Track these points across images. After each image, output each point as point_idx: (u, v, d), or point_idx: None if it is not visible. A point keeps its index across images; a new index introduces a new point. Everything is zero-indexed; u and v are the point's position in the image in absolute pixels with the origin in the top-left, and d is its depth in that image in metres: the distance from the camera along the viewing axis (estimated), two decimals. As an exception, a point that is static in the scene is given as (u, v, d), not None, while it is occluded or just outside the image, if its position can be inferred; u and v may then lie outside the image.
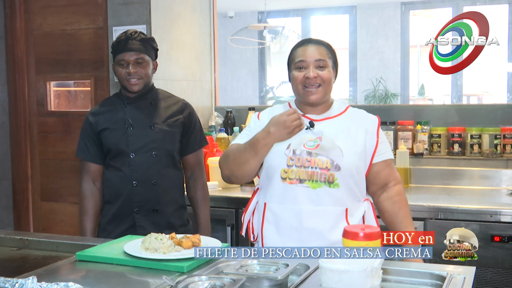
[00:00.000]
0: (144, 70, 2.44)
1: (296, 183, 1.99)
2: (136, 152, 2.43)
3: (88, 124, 2.50)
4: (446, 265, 1.66)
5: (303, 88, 2.03)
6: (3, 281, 1.39)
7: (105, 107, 2.53)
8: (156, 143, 2.45)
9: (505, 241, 2.58)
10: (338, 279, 1.38)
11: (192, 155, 2.59)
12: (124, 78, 2.43)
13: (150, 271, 1.67)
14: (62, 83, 3.79)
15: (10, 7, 3.72)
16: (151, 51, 2.49)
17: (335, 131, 2.03)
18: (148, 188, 2.44)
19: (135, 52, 2.41)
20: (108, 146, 2.46)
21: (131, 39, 2.42)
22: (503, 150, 3.26)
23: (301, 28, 8.61)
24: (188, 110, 2.57)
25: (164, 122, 2.48)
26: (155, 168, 2.45)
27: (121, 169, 2.44)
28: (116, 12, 3.35)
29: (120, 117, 2.46)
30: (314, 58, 2.03)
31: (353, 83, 8.47)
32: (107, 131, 2.45)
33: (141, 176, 2.42)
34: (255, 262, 1.60)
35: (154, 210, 2.45)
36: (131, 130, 2.44)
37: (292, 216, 2.00)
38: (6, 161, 3.80)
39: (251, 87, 9.04)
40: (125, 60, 2.41)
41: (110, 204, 2.49)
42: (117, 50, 2.44)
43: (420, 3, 8.30)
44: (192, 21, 3.72)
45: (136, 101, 2.49)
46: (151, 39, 2.50)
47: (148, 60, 2.46)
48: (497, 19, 7.02)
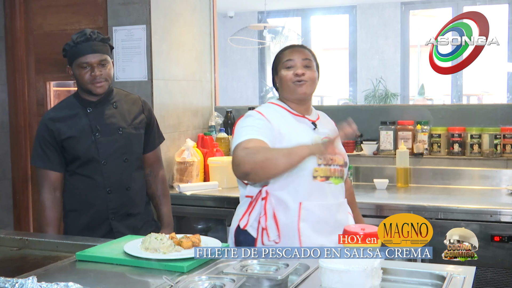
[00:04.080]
0: (108, 71, 2.35)
1: (324, 180, 2.12)
2: (107, 159, 2.35)
3: (46, 131, 2.34)
4: (446, 265, 1.66)
5: (293, 83, 2.14)
6: (3, 281, 1.39)
7: (63, 111, 2.39)
8: (126, 148, 2.39)
9: (505, 241, 2.58)
10: (338, 279, 1.38)
11: (152, 152, 2.55)
12: (88, 81, 2.32)
13: (150, 271, 1.67)
14: (62, 83, 3.79)
15: (10, 7, 3.71)
16: (109, 51, 2.40)
17: (330, 130, 2.15)
18: (121, 194, 2.38)
19: (98, 53, 2.32)
20: (75, 155, 2.34)
21: (92, 40, 2.32)
22: (503, 150, 3.26)
23: (301, 28, 8.61)
24: (148, 107, 2.53)
25: (130, 125, 2.43)
26: (127, 173, 2.40)
27: (92, 177, 2.35)
28: (116, 12, 3.34)
29: (85, 124, 2.35)
30: (301, 57, 2.16)
31: (353, 83, 8.48)
32: (73, 140, 2.33)
33: (114, 183, 2.36)
34: (255, 262, 1.60)
35: (128, 214, 2.41)
36: (99, 137, 2.35)
37: (325, 211, 2.12)
38: (6, 161, 3.80)
39: (251, 87, 9.04)
40: (88, 63, 2.31)
41: (78, 213, 2.39)
42: (77, 52, 2.33)
43: (420, 3, 8.31)
44: (192, 21, 3.72)
45: (98, 105, 2.39)
46: (108, 38, 2.41)
47: (109, 60, 2.37)
48: (497, 19, 7.02)
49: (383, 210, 2.79)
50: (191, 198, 3.20)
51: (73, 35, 2.36)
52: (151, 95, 3.27)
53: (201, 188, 3.28)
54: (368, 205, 2.83)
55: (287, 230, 2.08)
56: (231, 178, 3.34)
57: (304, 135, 2.11)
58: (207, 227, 3.31)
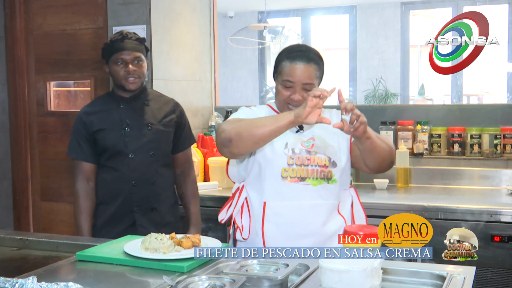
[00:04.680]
0: (141, 69, 2.46)
1: (297, 181, 2.03)
2: (135, 152, 2.45)
3: (81, 124, 2.48)
4: (446, 265, 1.66)
5: (286, 104, 2.05)
6: (3, 281, 1.39)
7: (97, 106, 2.53)
8: (154, 143, 2.49)
9: (505, 241, 2.58)
10: (338, 279, 1.38)
11: (183, 153, 2.64)
12: (122, 77, 2.44)
13: (150, 271, 1.68)
14: (62, 83, 3.79)
15: (10, 7, 3.71)
16: (144, 51, 2.52)
17: (322, 131, 2.09)
18: (146, 187, 2.47)
19: (133, 51, 2.43)
20: (104, 147, 2.46)
21: (128, 38, 2.44)
22: (503, 150, 3.26)
23: (301, 28, 8.61)
24: (180, 109, 2.63)
25: (159, 122, 2.52)
26: (153, 167, 2.48)
27: (119, 169, 2.45)
28: (116, 12, 3.34)
29: (116, 118, 2.47)
30: (302, 81, 2.01)
31: (353, 83, 8.47)
32: (103, 132, 2.45)
33: (140, 176, 2.45)
34: (255, 262, 1.60)
35: (152, 209, 2.48)
36: (128, 131, 2.46)
37: (294, 213, 2.03)
38: (6, 161, 3.80)
39: (251, 87, 9.04)
40: (123, 59, 2.42)
41: (105, 205, 2.49)
42: (113, 49, 2.44)
43: (420, 3, 8.30)
44: (192, 21, 3.72)
45: (131, 102, 2.50)
46: (144, 40, 2.53)
47: (144, 59, 2.49)
48: (497, 19, 7.02)
49: (383, 210, 2.79)
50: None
51: (110, 35, 2.53)
52: (151, 95, 3.26)
53: (201, 188, 3.27)
54: (368, 205, 2.82)
55: (254, 229, 2.09)
56: (231, 178, 3.34)
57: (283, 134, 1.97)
58: (207, 227, 3.31)
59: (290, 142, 2.05)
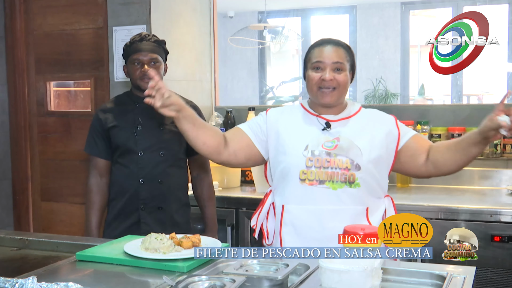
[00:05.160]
0: (157, 70, 2.47)
1: (316, 184, 1.97)
2: (145, 151, 2.49)
3: (97, 120, 2.54)
4: (446, 265, 1.66)
5: (318, 89, 2.01)
6: (3, 281, 1.39)
7: (115, 104, 2.59)
8: (164, 144, 2.51)
9: (505, 241, 2.58)
10: (338, 279, 1.38)
11: (198, 155, 2.59)
12: (137, 77, 2.47)
13: (150, 271, 1.67)
14: (62, 83, 3.79)
15: (10, 7, 3.72)
16: (163, 53, 2.54)
17: (352, 130, 2.03)
18: (153, 186, 2.49)
19: (149, 52, 2.46)
20: (116, 144, 2.51)
21: (146, 40, 2.48)
22: (503, 150, 3.26)
23: (301, 28, 8.61)
24: (197, 112, 2.58)
25: (172, 123, 2.48)
26: (161, 167, 2.50)
27: (128, 167, 2.49)
28: (116, 12, 3.34)
29: (130, 116, 2.52)
30: (332, 60, 2.01)
31: (353, 83, 8.38)
32: (116, 129, 2.50)
33: (148, 174, 2.48)
34: (255, 262, 1.60)
35: (158, 208, 2.50)
36: (140, 130, 2.50)
37: (312, 217, 1.98)
38: (6, 161, 3.80)
39: (251, 87, 9.03)
40: (139, 60, 2.45)
41: (115, 201, 2.54)
42: (131, 50, 2.48)
43: (420, 3, 8.30)
44: (192, 21, 3.72)
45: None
46: (163, 42, 2.55)
47: (161, 61, 2.51)
48: (497, 19, 7.02)
49: (383, 210, 2.79)
50: (191, 198, 3.19)
51: (131, 37, 2.53)
52: (151, 95, 3.27)
53: (201, 188, 3.28)
54: (368, 205, 2.82)
55: (275, 233, 2.08)
56: (231, 178, 3.35)
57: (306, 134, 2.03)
58: (207, 227, 3.31)
59: (311, 144, 2.00)
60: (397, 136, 2.06)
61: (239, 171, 3.39)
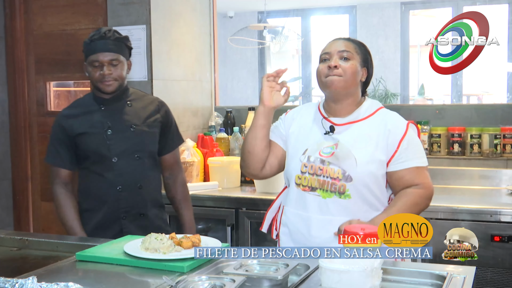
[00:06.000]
0: (118, 71, 2.34)
1: (308, 191, 1.96)
2: (119, 156, 2.34)
3: (60, 128, 2.37)
4: (446, 265, 1.66)
5: (325, 78, 1.96)
6: (3, 281, 1.39)
7: (77, 109, 2.42)
8: (139, 145, 2.38)
9: (505, 241, 2.58)
10: (338, 279, 1.38)
11: (170, 154, 2.53)
12: (97, 79, 2.33)
13: (150, 271, 1.67)
14: (62, 83, 3.79)
15: (10, 7, 3.71)
16: (125, 50, 2.39)
17: (354, 137, 1.96)
18: (133, 192, 2.37)
19: (109, 52, 2.31)
20: (86, 151, 2.36)
21: (106, 38, 2.31)
22: (503, 150, 3.26)
23: (301, 28, 8.60)
24: (165, 109, 2.51)
25: (143, 123, 2.41)
26: (139, 171, 2.37)
27: (103, 175, 2.34)
28: (116, 12, 3.34)
29: (97, 120, 2.36)
30: (338, 49, 1.97)
31: (353, 83, 8.45)
32: (84, 136, 2.35)
33: (126, 181, 2.35)
34: (255, 262, 1.60)
35: (140, 214, 2.39)
36: (110, 134, 2.35)
37: (301, 222, 1.99)
38: (6, 161, 3.80)
39: (251, 87, 9.03)
40: (99, 61, 2.31)
41: (91, 212, 2.38)
42: (90, 50, 2.32)
43: (420, 3, 8.30)
44: (192, 21, 3.72)
45: (112, 103, 2.39)
46: (125, 38, 2.40)
47: (123, 60, 2.37)
48: (497, 19, 7.02)
49: (383, 210, 2.79)
50: (191, 198, 3.19)
51: (91, 33, 2.37)
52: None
53: (201, 188, 3.28)
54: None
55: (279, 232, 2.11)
56: (231, 178, 3.35)
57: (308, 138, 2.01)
58: (207, 227, 3.31)
59: (310, 149, 1.97)
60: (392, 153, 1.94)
61: (239, 171, 3.39)
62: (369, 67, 2.03)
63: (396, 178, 1.95)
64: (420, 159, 1.98)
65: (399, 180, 1.95)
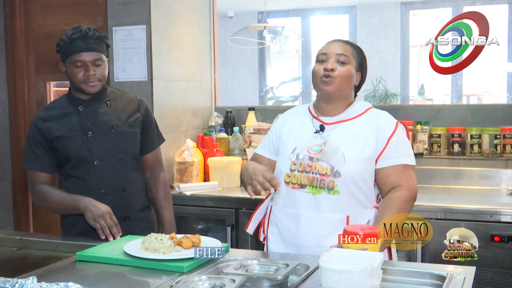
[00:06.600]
0: (101, 71, 2.25)
1: (298, 188, 1.97)
2: (100, 159, 2.25)
3: (37, 131, 2.25)
4: (446, 265, 1.65)
5: (320, 79, 1.99)
6: (3, 281, 1.39)
7: (54, 111, 2.30)
8: (121, 147, 2.29)
9: (505, 241, 2.58)
10: (338, 279, 1.38)
11: (151, 154, 2.44)
12: (81, 80, 2.22)
13: (150, 271, 1.68)
14: (62, 83, 3.79)
15: (10, 7, 3.71)
16: (105, 49, 2.29)
17: (344, 135, 1.98)
18: (117, 196, 2.28)
19: (93, 52, 2.21)
20: (66, 155, 2.25)
21: (88, 37, 2.20)
22: (503, 150, 3.26)
23: (301, 28, 8.60)
24: (144, 106, 2.42)
25: (124, 123, 2.32)
26: (123, 173, 2.29)
27: (85, 179, 2.25)
28: (116, 12, 3.34)
29: (76, 122, 2.26)
30: (336, 52, 2.00)
31: (353, 83, 8.45)
32: (63, 139, 2.24)
33: (109, 184, 2.26)
34: (255, 262, 1.60)
35: (125, 218, 2.30)
36: (90, 136, 2.25)
37: (290, 221, 2.00)
38: (6, 161, 3.80)
39: (251, 87, 9.03)
40: (82, 61, 2.20)
41: (74, 218, 2.27)
42: (71, 49, 2.21)
43: (420, 3, 8.30)
44: (192, 21, 3.72)
45: (90, 103, 2.29)
46: (104, 36, 2.29)
47: (105, 60, 2.28)
48: (497, 19, 7.01)
49: (383, 210, 2.79)
50: (191, 198, 3.20)
51: (68, 31, 2.24)
52: (151, 95, 3.27)
53: (201, 188, 3.28)
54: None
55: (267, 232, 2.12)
56: (231, 178, 3.35)
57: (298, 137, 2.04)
58: (207, 227, 3.31)
59: (299, 147, 1.99)
60: (381, 149, 1.97)
61: (239, 171, 3.39)
62: (363, 71, 2.07)
63: (383, 176, 1.97)
64: (409, 158, 2.01)
65: (386, 179, 1.97)
